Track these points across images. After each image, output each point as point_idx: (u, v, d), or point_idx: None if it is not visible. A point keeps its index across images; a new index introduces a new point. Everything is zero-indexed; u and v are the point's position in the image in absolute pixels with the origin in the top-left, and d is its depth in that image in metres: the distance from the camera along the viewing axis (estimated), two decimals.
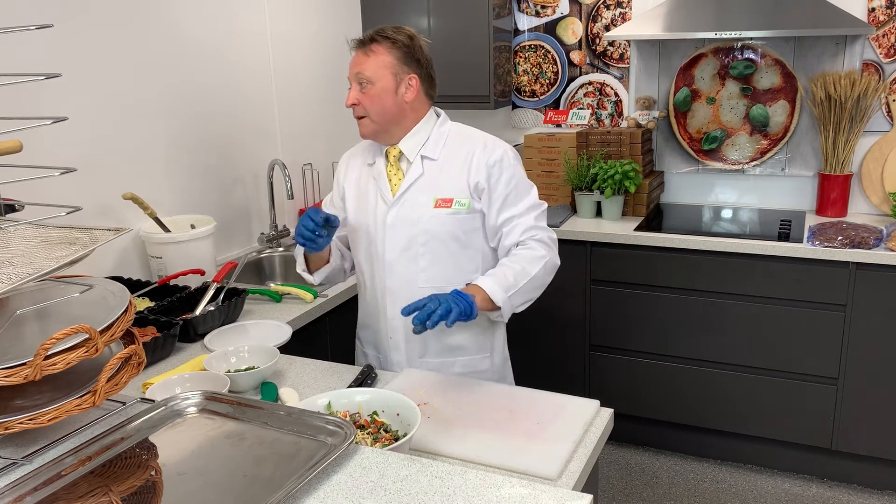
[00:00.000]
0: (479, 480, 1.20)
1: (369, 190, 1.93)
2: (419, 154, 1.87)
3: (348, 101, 1.83)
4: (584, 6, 3.47)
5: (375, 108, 1.82)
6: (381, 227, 1.88)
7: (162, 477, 1.25)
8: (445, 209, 1.84)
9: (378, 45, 1.81)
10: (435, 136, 1.89)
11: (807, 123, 3.22)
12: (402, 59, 1.82)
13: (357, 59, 1.82)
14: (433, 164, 1.87)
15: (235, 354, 1.78)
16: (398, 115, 1.84)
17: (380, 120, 1.83)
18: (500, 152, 1.86)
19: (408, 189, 1.86)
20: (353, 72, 1.82)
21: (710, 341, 2.98)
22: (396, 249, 1.87)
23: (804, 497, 2.91)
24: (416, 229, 1.85)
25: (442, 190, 1.85)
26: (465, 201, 1.84)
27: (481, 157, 1.84)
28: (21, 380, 1.22)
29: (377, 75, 1.80)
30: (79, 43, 2.17)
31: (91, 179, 2.23)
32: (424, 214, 1.84)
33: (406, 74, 1.82)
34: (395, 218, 1.86)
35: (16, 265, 1.31)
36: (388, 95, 1.81)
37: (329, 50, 3.31)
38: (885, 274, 2.67)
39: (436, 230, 1.84)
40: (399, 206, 1.86)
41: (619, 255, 3.03)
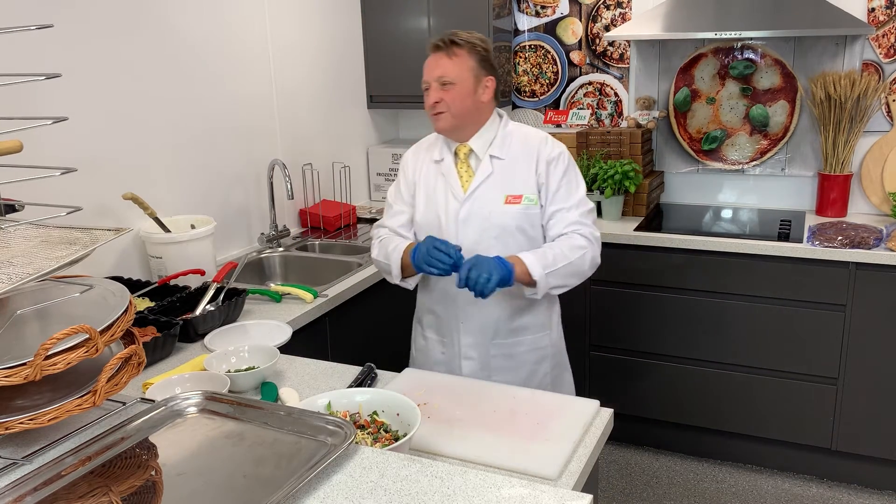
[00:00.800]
0: (479, 480, 1.20)
1: (438, 186, 2.06)
2: (488, 153, 2.01)
3: (430, 100, 1.96)
4: (584, 6, 3.47)
5: (456, 107, 1.96)
6: (454, 222, 2.01)
7: (162, 477, 1.25)
8: (516, 205, 1.99)
9: (460, 48, 1.95)
10: (501, 136, 2.03)
11: (807, 123, 3.22)
12: (480, 63, 1.97)
13: (439, 61, 1.96)
14: (501, 163, 2.01)
15: (235, 354, 1.78)
16: (474, 114, 1.99)
17: (459, 117, 1.97)
18: (560, 150, 2.03)
19: (479, 186, 2.00)
20: (435, 74, 1.95)
21: (710, 341, 2.98)
22: (468, 243, 1.99)
23: (804, 497, 2.91)
24: (487, 223, 1.99)
25: (511, 187, 1.99)
26: (534, 197, 2.00)
27: (543, 154, 2.00)
28: (21, 380, 1.22)
29: (460, 77, 1.95)
30: (79, 43, 2.17)
31: (91, 179, 2.23)
32: (495, 210, 1.99)
33: (484, 77, 1.98)
34: (468, 213, 2.00)
35: (16, 265, 1.31)
36: (468, 96, 1.96)
37: (329, 50, 3.31)
38: (885, 274, 2.67)
39: (506, 224, 1.99)
40: (471, 203, 2.00)
41: (619, 255, 3.03)
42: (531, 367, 2.10)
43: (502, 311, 2.04)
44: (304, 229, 3.20)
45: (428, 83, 1.98)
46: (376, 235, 2.15)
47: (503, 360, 2.08)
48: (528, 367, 2.09)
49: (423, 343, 2.18)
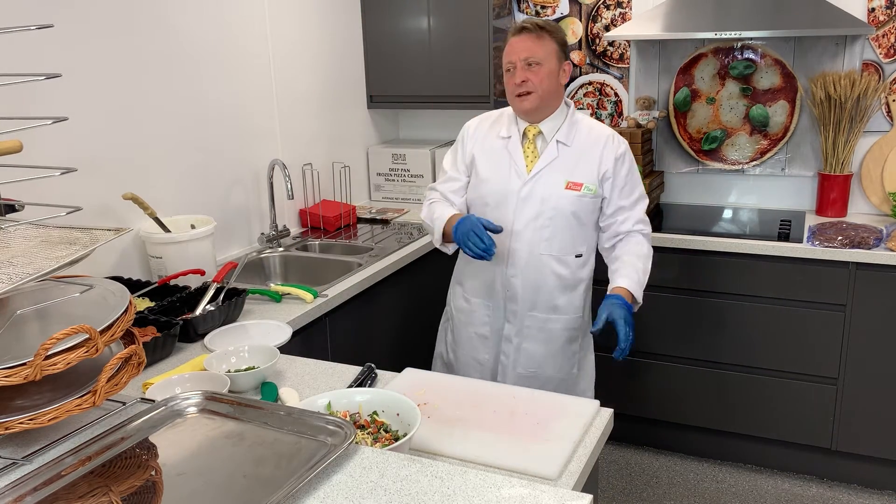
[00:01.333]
0: (479, 480, 1.20)
1: (502, 161, 2.18)
2: (555, 138, 2.14)
3: (517, 79, 2.08)
4: (584, 6, 3.47)
5: (543, 86, 2.09)
6: (515, 199, 2.14)
7: (162, 477, 1.25)
8: (575, 192, 2.12)
9: (546, 32, 2.10)
10: (568, 122, 2.17)
11: (807, 123, 3.22)
12: (561, 47, 2.13)
13: (526, 43, 2.09)
14: (566, 149, 2.14)
15: (235, 354, 1.78)
16: (555, 95, 2.13)
17: (543, 96, 2.10)
18: (625, 147, 2.17)
19: (543, 168, 2.13)
20: (522, 55, 2.08)
21: (710, 341, 2.98)
22: (525, 220, 2.14)
23: (804, 497, 2.91)
24: (545, 205, 2.12)
25: (573, 174, 2.13)
26: (593, 187, 2.13)
27: (611, 149, 2.14)
28: (21, 380, 1.22)
29: (547, 58, 2.08)
30: (79, 43, 2.17)
31: (91, 179, 2.23)
32: (555, 193, 2.12)
33: (564, 62, 2.14)
34: (529, 193, 2.13)
35: (16, 265, 1.31)
36: (553, 76, 2.10)
37: (329, 50, 3.31)
38: (885, 274, 2.67)
39: (563, 208, 2.12)
40: (533, 183, 2.13)
41: None
42: (562, 345, 2.24)
43: (543, 288, 2.18)
44: (304, 229, 3.20)
45: (514, 63, 2.09)
46: (427, 197, 2.33)
47: (537, 332, 2.22)
48: (559, 343, 2.23)
49: (466, 305, 2.31)
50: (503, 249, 2.16)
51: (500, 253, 2.14)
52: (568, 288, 2.20)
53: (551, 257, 2.15)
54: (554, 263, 2.16)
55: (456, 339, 2.36)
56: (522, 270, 2.17)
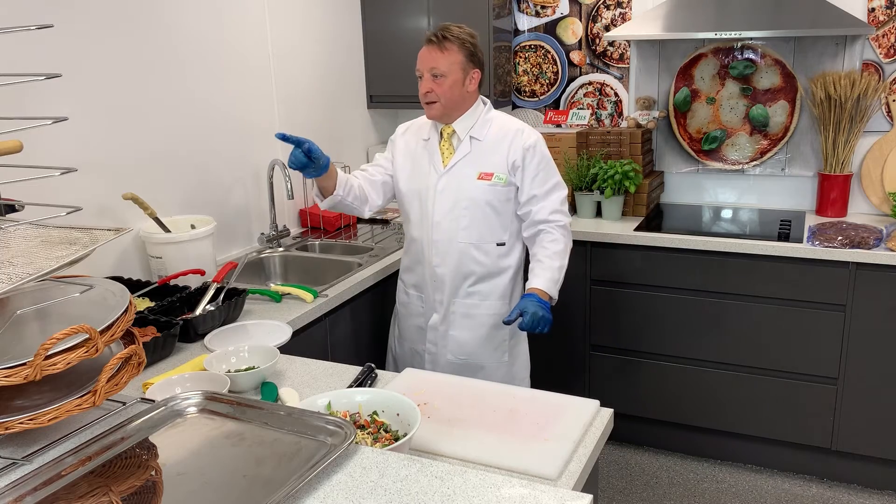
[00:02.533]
0: (479, 480, 1.20)
1: (423, 160, 2.33)
2: (468, 135, 2.27)
3: (422, 89, 2.21)
4: (584, 6, 3.47)
5: (446, 97, 2.21)
6: (433, 192, 2.29)
7: (162, 477, 1.25)
8: (486, 181, 2.25)
9: (450, 43, 2.19)
10: (482, 120, 2.29)
11: (807, 123, 3.22)
12: (468, 56, 2.21)
13: (431, 54, 2.20)
14: (479, 144, 2.27)
15: (235, 354, 1.78)
16: (461, 102, 2.25)
17: (447, 105, 2.23)
18: (535, 138, 2.27)
19: (457, 163, 2.27)
20: (428, 65, 2.20)
21: (710, 341, 2.98)
22: (443, 210, 2.28)
23: (804, 497, 2.91)
24: (460, 195, 2.26)
25: (484, 165, 2.25)
26: (503, 176, 2.25)
27: (519, 141, 2.24)
28: (21, 380, 1.22)
29: (450, 70, 2.19)
30: (79, 43, 2.17)
31: (91, 179, 2.23)
32: (468, 184, 2.25)
33: (471, 70, 2.23)
34: (445, 185, 2.27)
35: (16, 265, 1.31)
36: (457, 87, 2.21)
37: (329, 50, 3.31)
38: (885, 274, 2.67)
39: (476, 197, 2.25)
40: (448, 176, 2.27)
41: (619, 255, 3.03)
42: (489, 332, 2.34)
43: (465, 275, 2.31)
44: (304, 229, 3.20)
45: (421, 72, 2.22)
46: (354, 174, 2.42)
47: (462, 318, 2.34)
48: (485, 329, 2.34)
49: (406, 298, 2.46)
50: (426, 240, 2.32)
51: (424, 244, 2.33)
52: (491, 275, 2.31)
53: (470, 245, 2.28)
54: (474, 251, 2.28)
55: (400, 331, 2.50)
56: (444, 259, 2.30)
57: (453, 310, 2.34)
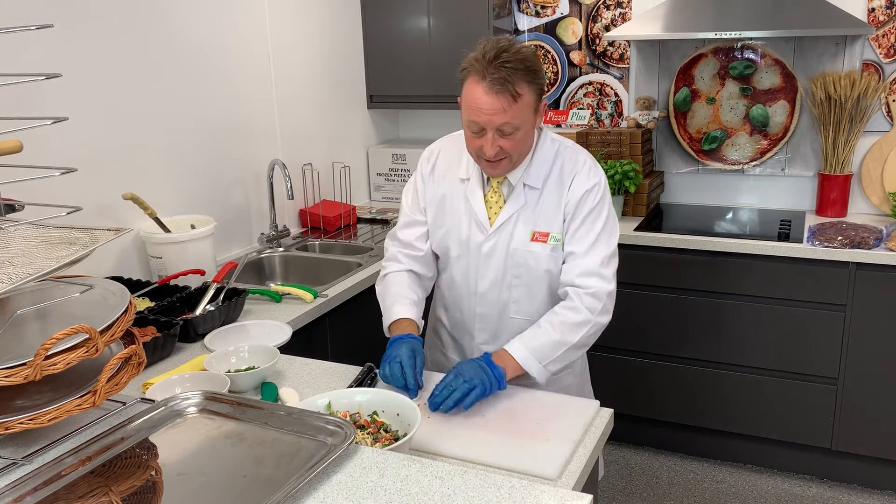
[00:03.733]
0: (479, 480, 1.20)
1: (460, 209, 1.79)
2: (521, 181, 1.74)
3: (488, 150, 1.61)
4: (584, 6, 3.47)
5: (518, 150, 1.66)
6: (476, 256, 1.78)
7: (162, 477, 1.25)
8: (541, 243, 1.74)
9: (522, 85, 1.56)
10: (537, 159, 1.74)
11: (807, 123, 3.22)
12: (539, 90, 1.62)
13: (498, 103, 1.56)
14: (533, 193, 1.75)
15: (235, 354, 1.78)
16: (531, 147, 1.73)
17: (519, 159, 1.70)
18: (596, 180, 1.73)
19: (507, 219, 1.75)
20: (496, 121, 1.58)
21: (710, 341, 2.98)
22: (488, 281, 1.79)
23: (804, 497, 2.91)
24: (511, 261, 1.76)
25: (539, 222, 1.74)
26: (559, 235, 1.74)
27: (576, 184, 1.72)
28: (21, 380, 1.22)
29: (524, 120, 1.61)
30: (79, 43, 2.17)
31: (91, 179, 2.23)
32: (521, 248, 1.75)
33: (541, 104, 1.66)
34: (492, 248, 1.77)
35: (16, 265, 1.31)
36: (530, 134, 1.67)
37: (329, 50, 3.31)
38: (885, 274, 2.67)
39: (531, 265, 1.75)
40: (497, 237, 1.76)
41: (619, 255, 3.02)
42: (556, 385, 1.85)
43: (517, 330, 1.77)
44: (304, 229, 3.20)
45: (481, 127, 1.60)
46: (389, 257, 1.90)
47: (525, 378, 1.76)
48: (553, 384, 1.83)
49: (438, 341, 1.98)
50: (468, 312, 1.85)
51: (466, 319, 1.87)
52: None
53: (523, 321, 1.78)
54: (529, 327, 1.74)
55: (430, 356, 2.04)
56: (493, 336, 1.83)
57: None
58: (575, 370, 1.95)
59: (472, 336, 1.88)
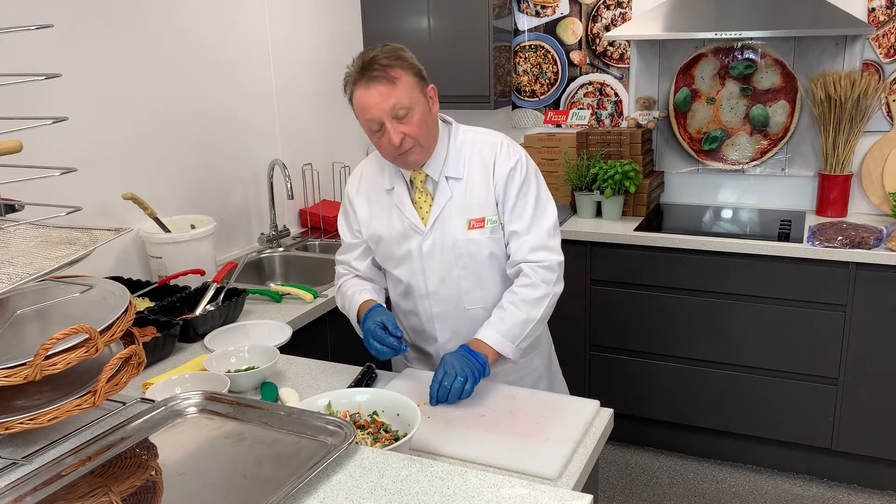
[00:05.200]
0: (479, 480, 1.20)
1: (393, 218, 1.81)
2: (443, 175, 1.77)
3: (394, 140, 1.65)
4: (584, 6, 3.47)
5: (423, 134, 1.69)
6: (418, 258, 1.81)
7: (162, 477, 1.25)
8: (479, 229, 1.77)
9: (396, 69, 1.64)
10: (453, 151, 1.78)
11: (807, 123, 3.22)
12: (418, 74, 1.69)
13: (381, 92, 1.63)
14: (458, 183, 1.77)
15: (235, 354, 1.78)
16: (436, 132, 1.76)
17: (428, 144, 1.73)
18: (516, 157, 1.76)
19: (439, 215, 1.77)
20: (385, 108, 1.63)
21: (710, 341, 2.98)
22: (436, 278, 1.81)
23: (804, 497, 2.91)
24: (453, 254, 1.78)
25: (472, 210, 1.77)
26: (496, 217, 1.77)
27: (498, 164, 1.76)
28: (21, 380, 1.22)
29: (413, 100, 1.66)
30: (79, 43, 2.17)
31: (91, 179, 2.23)
32: (460, 238, 1.77)
33: (427, 87, 1.71)
34: (431, 246, 1.79)
35: (16, 265, 1.31)
36: (427, 116, 1.70)
37: (329, 50, 3.31)
38: (885, 274, 2.67)
39: (475, 252, 1.78)
40: (433, 234, 1.78)
41: (619, 255, 3.03)
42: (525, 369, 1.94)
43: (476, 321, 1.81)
44: (304, 229, 3.20)
45: (378, 122, 1.65)
46: (337, 276, 1.97)
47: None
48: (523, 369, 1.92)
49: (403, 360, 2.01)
50: (425, 315, 1.87)
51: (424, 320, 1.88)
52: None
53: (482, 309, 1.82)
54: (487, 314, 1.79)
55: None
56: (455, 333, 1.85)
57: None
58: (542, 352, 1.98)
59: (434, 338, 1.89)
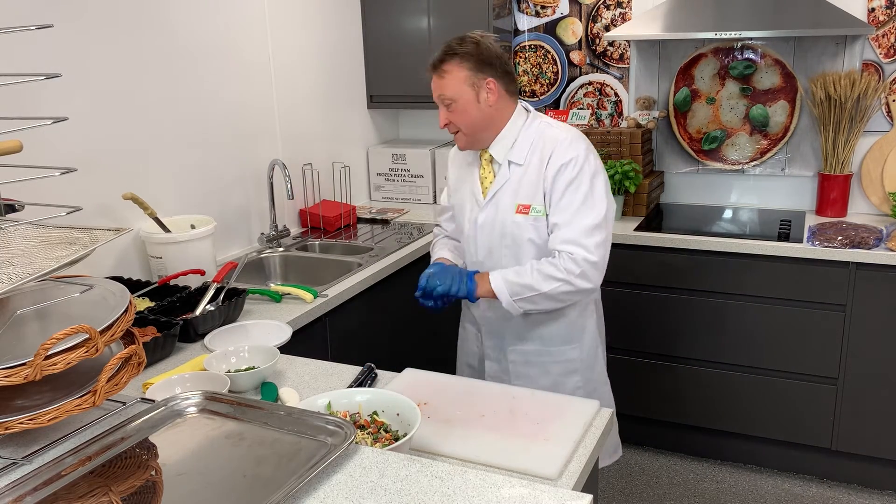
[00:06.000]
0: (479, 480, 1.20)
1: (465, 189, 2.05)
2: (506, 159, 1.95)
3: (441, 122, 1.93)
4: (584, 6, 3.47)
5: (465, 122, 1.91)
6: (473, 227, 2.02)
7: (162, 477, 1.25)
8: (524, 215, 1.92)
9: (448, 63, 1.87)
10: (522, 138, 1.94)
11: (807, 123, 3.22)
12: (474, 68, 1.87)
13: (435, 83, 1.90)
14: (518, 169, 1.94)
15: (235, 354, 1.78)
16: (487, 120, 1.92)
17: (472, 131, 1.93)
18: (574, 153, 1.87)
19: (495, 194, 1.96)
20: (436, 95, 1.92)
21: (710, 341, 2.98)
22: (484, 250, 2.01)
23: (804, 497, 2.91)
24: (499, 232, 1.96)
25: (522, 196, 1.92)
26: (541, 207, 1.90)
27: (555, 157, 1.88)
28: (21, 380, 1.22)
29: (457, 93, 1.88)
30: (79, 43, 2.17)
31: (91, 179, 2.23)
32: (507, 219, 1.94)
33: (483, 80, 1.88)
34: (484, 220, 1.99)
35: (16, 265, 1.31)
36: (472, 107, 1.89)
37: (329, 50, 3.31)
38: (885, 274, 2.67)
39: (516, 235, 1.94)
40: (487, 209, 1.98)
41: (619, 255, 3.02)
42: (556, 379, 2.03)
43: (520, 318, 1.99)
44: (304, 229, 3.20)
45: (438, 103, 1.94)
46: (433, 235, 2.30)
47: (523, 367, 2.05)
48: (552, 377, 2.03)
49: (464, 332, 2.24)
50: None
51: None
52: (550, 318, 2.00)
53: None
54: None
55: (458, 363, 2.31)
56: (491, 303, 2.00)
57: (512, 358, 2.06)
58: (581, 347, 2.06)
59: (477, 305, 2.07)
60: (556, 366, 2.03)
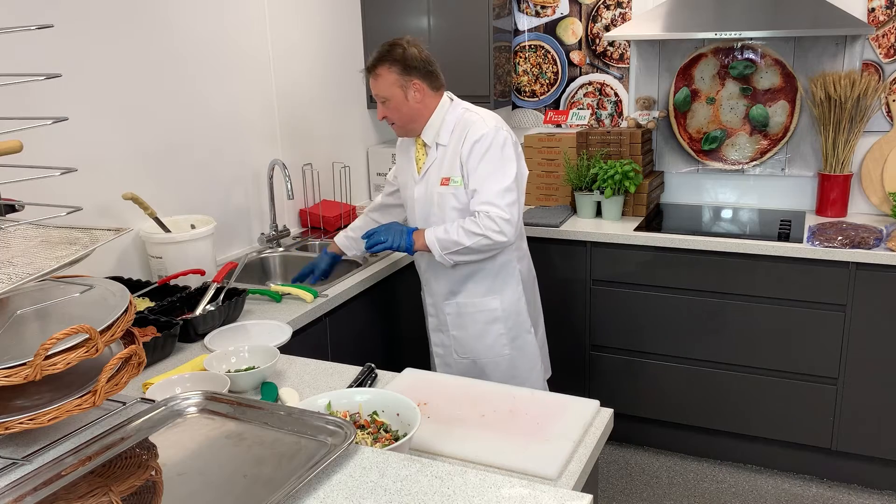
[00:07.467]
0: (479, 480, 1.20)
1: (406, 170, 2.40)
2: (435, 142, 2.29)
3: (378, 116, 2.29)
4: (584, 6, 3.47)
5: (398, 117, 2.27)
6: (412, 200, 2.37)
7: (162, 477, 1.25)
8: (446, 186, 2.26)
9: (380, 67, 2.20)
10: (446, 123, 2.28)
11: (807, 123, 3.22)
12: (401, 72, 2.19)
13: (371, 83, 2.25)
14: (442, 149, 2.28)
15: (235, 354, 1.78)
16: (416, 114, 2.26)
17: (403, 123, 2.29)
18: (483, 131, 2.19)
19: (427, 170, 2.31)
20: (373, 93, 2.26)
21: (710, 341, 2.98)
22: (422, 219, 2.34)
23: (804, 497, 2.91)
24: (430, 203, 2.30)
25: (445, 170, 2.26)
26: (458, 179, 2.24)
27: (469, 135, 2.20)
28: (21, 380, 1.22)
29: (389, 93, 2.22)
30: (79, 43, 2.17)
31: (91, 179, 2.23)
32: (435, 191, 2.28)
33: (409, 82, 2.21)
34: (419, 194, 2.34)
35: (16, 265, 1.31)
36: (403, 104, 2.23)
37: (329, 50, 3.31)
38: (885, 274, 2.67)
39: (442, 203, 2.27)
40: (422, 184, 2.33)
41: (619, 255, 3.03)
42: (481, 327, 2.37)
43: (451, 277, 2.36)
44: (304, 229, 3.20)
45: (376, 100, 2.28)
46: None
47: (457, 318, 2.39)
48: (478, 326, 2.37)
49: (423, 301, 2.55)
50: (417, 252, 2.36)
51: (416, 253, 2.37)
52: (474, 274, 2.33)
53: None
54: None
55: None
56: (428, 265, 2.39)
57: (448, 311, 2.40)
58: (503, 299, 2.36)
59: (418, 266, 2.48)
60: (480, 314, 2.36)
